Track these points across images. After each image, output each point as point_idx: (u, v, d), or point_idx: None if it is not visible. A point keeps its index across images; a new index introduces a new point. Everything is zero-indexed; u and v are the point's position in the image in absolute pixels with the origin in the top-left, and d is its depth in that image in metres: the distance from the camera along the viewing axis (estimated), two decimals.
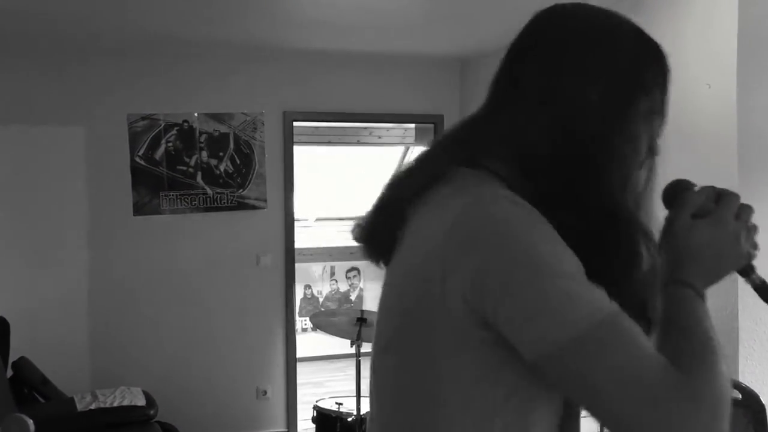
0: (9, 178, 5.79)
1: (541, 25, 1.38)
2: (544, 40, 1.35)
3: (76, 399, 5.24)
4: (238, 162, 6.25)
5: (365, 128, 9.54)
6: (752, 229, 1.35)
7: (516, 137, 1.29)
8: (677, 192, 1.40)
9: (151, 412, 5.30)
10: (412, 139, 9.55)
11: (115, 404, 5.22)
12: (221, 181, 6.22)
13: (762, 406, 3.34)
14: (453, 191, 1.25)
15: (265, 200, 6.31)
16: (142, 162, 6.04)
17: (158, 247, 6.15)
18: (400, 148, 10.09)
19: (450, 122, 6.70)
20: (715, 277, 1.31)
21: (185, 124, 6.12)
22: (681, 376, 1.10)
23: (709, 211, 1.34)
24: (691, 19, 4.28)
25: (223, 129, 6.21)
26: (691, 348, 1.16)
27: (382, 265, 1.40)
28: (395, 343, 1.30)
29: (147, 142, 6.04)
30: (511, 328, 1.14)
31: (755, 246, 1.35)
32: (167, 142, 6.09)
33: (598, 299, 1.13)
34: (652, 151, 1.39)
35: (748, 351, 3.98)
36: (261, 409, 6.44)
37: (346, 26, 5.35)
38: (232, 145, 6.24)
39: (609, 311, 1.12)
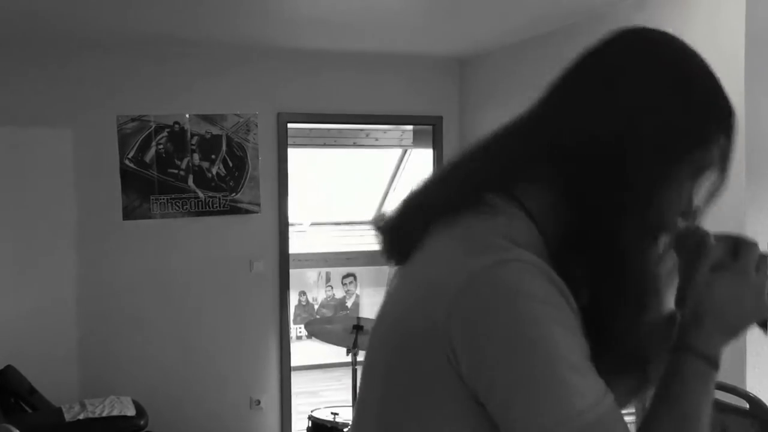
0: None
1: (620, 43, 1.34)
2: (618, 60, 1.31)
3: (64, 409, 5.23)
4: (231, 165, 6.24)
5: (361, 130, 9.54)
6: None
7: (563, 149, 1.26)
8: (700, 243, 1.33)
9: (141, 422, 5.29)
10: (409, 142, 9.56)
11: (104, 414, 5.21)
12: (213, 184, 6.21)
13: None
14: (475, 233, 1.23)
15: (259, 204, 6.30)
16: (132, 165, 6.03)
17: (148, 253, 6.14)
18: (398, 151, 10.09)
19: (449, 124, 6.70)
20: (735, 333, 1.29)
21: (176, 125, 6.11)
22: None
23: (727, 264, 1.29)
24: (696, 20, 4.28)
25: (216, 131, 6.20)
26: None
27: (392, 264, 1.38)
28: (383, 374, 1.31)
29: (137, 144, 6.03)
30: (500, 411, 1.15)
31: None
32: (158, 144, 6.08)
33: (592, 396, 1.13)
34: (694, 208, 1.36)
35: (756, 359, 3.97)
36: (254, 420, 6.43)
37: (342, 25, 5.35)
38: (224, 148, 6.23)
39: (602, 411, 1.12)
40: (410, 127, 8.88)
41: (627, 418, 1.21)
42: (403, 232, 1.35)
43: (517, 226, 1.24)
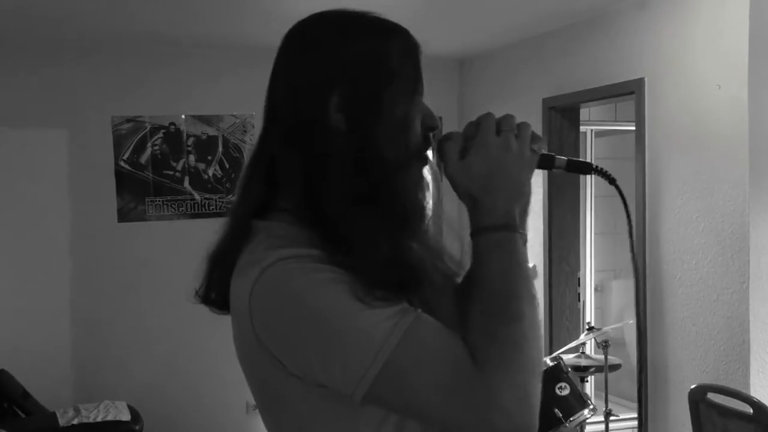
0: None
1: (282, 45, 1.50)
2: (281, 60, 1.48)
3: (58, 414, 5.22)
4: (228, 166, 6.24)
5: None
6: (522, 130, 1.41)
7: (283, 169, 1.41)
8: (440, 146, 1.44)
9: (137, 427, 5.28)
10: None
11: (99, 419, 5.20)
12: (210, 186, 6.21)
13: None
14: (248, 258, 1.37)
15: None
16: (127, 166, 6.02)
17: (144, 255, 6.12)
18: None
19: (448, 125, 6.69)
20: (516, 190, 1.39)
21: (172, 126, 6.11)
22: (476, 374, 1.23)
23: (470, 144, 1.40)
24: (699, 18, 4.28)
25: (212, 132, 6.20)
26: (487, 322, 1.27)
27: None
28: (258, 400, 1.47)
29: (132, 145, 6.03)
30: (328, 382, 1.27)
31: (535, 139, 1.42)
32: (153, 145, 6.07)
33: (390, 321, 1.24)
34: (428, 125, 1.45)
35: (760, 364, 3.97)
36: (251, 424, 6.41)
37: None
38: (221, 149, 6.23)
39: (404, 328, 1.24)
40: None
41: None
42: (215, 294, 1.58)
43: (276, 233, 1.37)
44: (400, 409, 1.29)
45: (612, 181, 1.51)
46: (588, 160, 1.37)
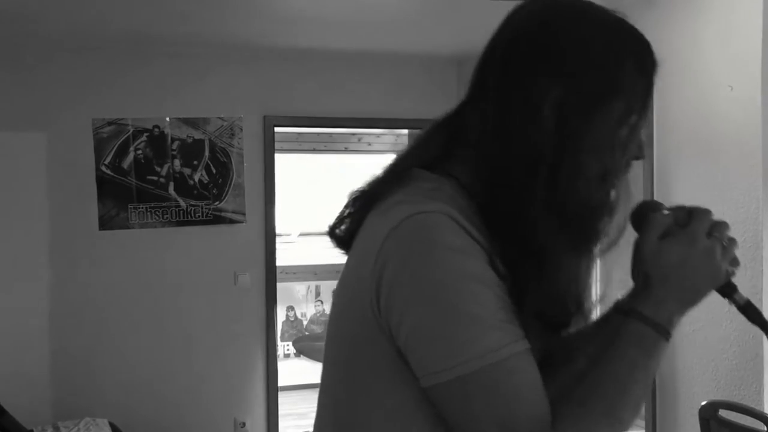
0: None
1: (510, 21, 1.44)
2: (508, 38, 1.41)
3: None
4: (214, 171, 6.23)
5: (353, 134, 9.52)
6: (729, 245, 1.37)
7: (473, 142, 1.37)
8: (644, 214, 1.40)
9: None
10: (404, 147, 9.51)
11: None
12: (195, 192, 6.20)
13: None
14: (402, 198, 1.33)
15: (244, 213, 6.29)
16: (109, 171, 6.01)
17: (126, 265, 6.12)
18: (392, 157, 10.05)
19: None
20: (691, 298, 1.35)
21: (156, 129, 6.10)
22: None
23: (676, 231, 1.36)
24: (710, 15, 4.28)
25: (198, 135, 6.19)
26: (587, 401, 1.26)
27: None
28: (333, 342, 1.43)
29: (114, 149, 6.02)
30: (406, 350, 1.26)
31: (735, 262, 1.38)
32: (136, 149, 6.07)
33: (499, 341, 1.21)
34: (635, 154, 1.41)
35: None
36: None
37: (332, 23, 5.35)
38: (207, 153, 6.22)
39: (506, 356, 1.21)
40: (405, 131, 8.85)
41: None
42: (344, 221, 1.51)
43: (443, 189, 1.33)
44: (452, 420, 1.26)
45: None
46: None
